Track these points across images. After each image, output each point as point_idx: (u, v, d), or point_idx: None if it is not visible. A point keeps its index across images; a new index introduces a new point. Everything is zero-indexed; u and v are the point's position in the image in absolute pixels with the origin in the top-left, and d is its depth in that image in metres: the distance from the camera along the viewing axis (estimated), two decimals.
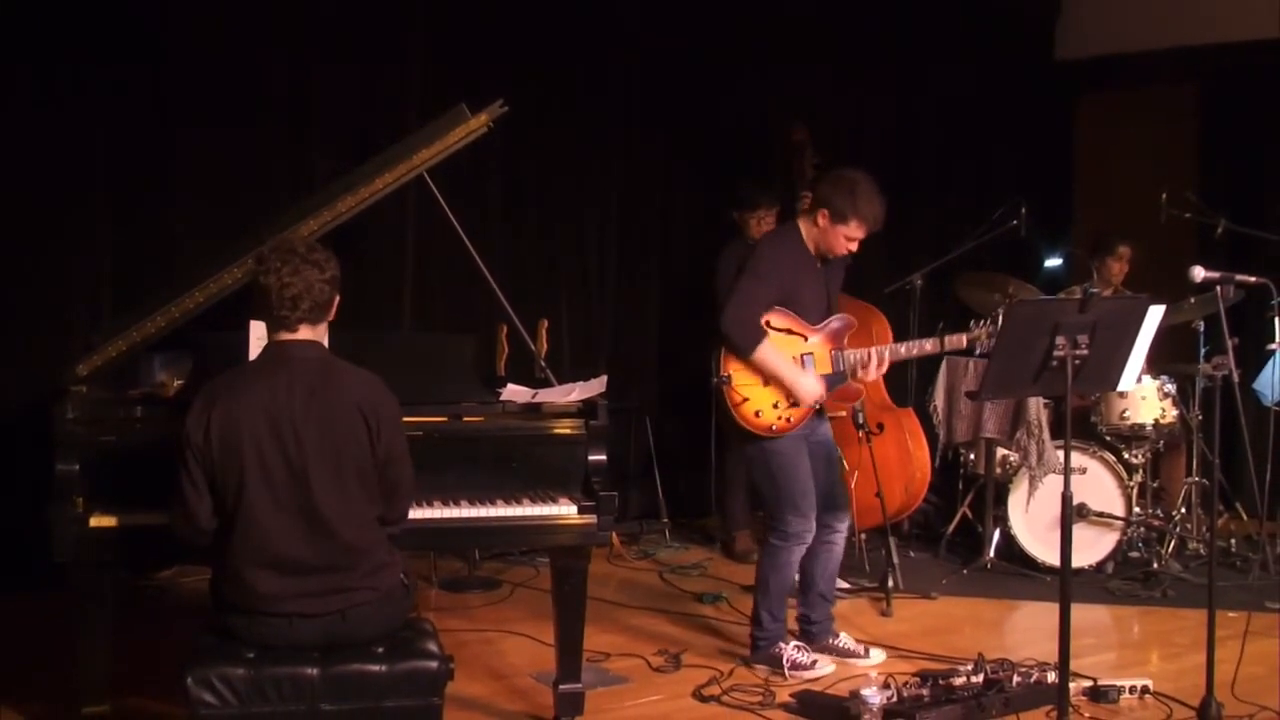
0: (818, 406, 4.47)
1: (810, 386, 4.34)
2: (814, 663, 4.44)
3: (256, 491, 2.98)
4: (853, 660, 4.55)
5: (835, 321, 4.49)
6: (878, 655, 4.59)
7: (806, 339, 4.43)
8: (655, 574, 5.97)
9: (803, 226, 4.45)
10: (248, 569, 3.01)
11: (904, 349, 4.59)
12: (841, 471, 5.92)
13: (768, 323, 4.36)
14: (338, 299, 3.18)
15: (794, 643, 4.49)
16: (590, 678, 4.11)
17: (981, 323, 4.46)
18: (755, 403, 4.35)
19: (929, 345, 4.57)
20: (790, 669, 4.41)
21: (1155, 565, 5.79)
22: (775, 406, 4.36)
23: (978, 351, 4.52)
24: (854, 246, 4.40)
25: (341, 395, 3.07)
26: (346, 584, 3.06)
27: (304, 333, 3.12)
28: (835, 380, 4.46)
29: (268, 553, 3.00)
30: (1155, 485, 6.28)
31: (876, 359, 4.47)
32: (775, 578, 4.48)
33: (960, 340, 4.51)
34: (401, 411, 3.20)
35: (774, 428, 4.38)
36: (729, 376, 4.33)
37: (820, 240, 4.41)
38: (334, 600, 3.05)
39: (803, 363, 4.40)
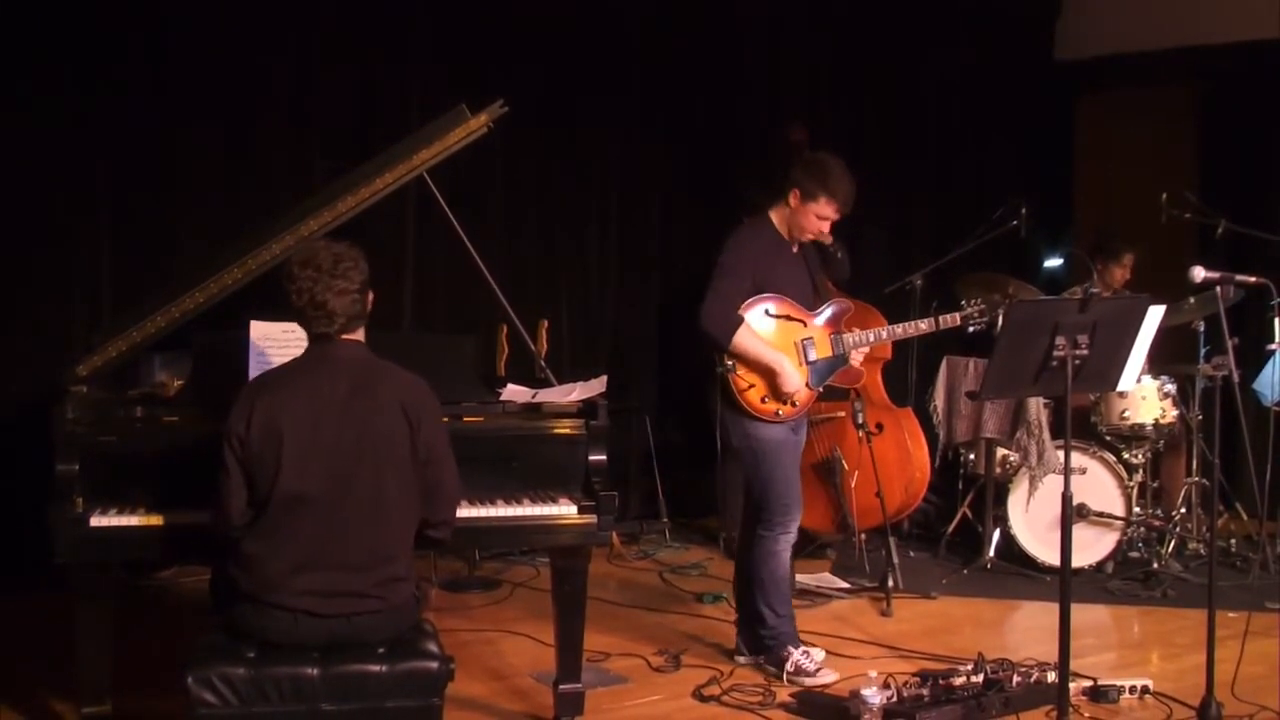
0: (817, 391, 4.50)
1: (792, 374, 4.36)
2: (818, 670, 4.40)
3: (289, 484, 3.00)
4: None
5: (833, 306, 4.55)
6: None
7: (806, 324, 4.47)
8: (655, 574, 5.97)
9: (774, 215, 4.49)
10: (264, 555, 3.02)
11: (900, 329, 4.73)
12: (842, 473, 5.96)
13: (766, 311, 4.39)
14: (371, 296, 3.21)
15: (802, 648, 4.47)
16: (590, 678, 4.11)
17: (974, 300, 4.65)
18: (761, 388, 4.38)
19: (924, 325, 4.67)
20: (792, 674, 4.39)
21: (1155, 565, 5.79)
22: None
23: (970, 329, 4.64)
24: (825, 226, 4.42)
25: (383, 393, 3.11)
26: (357, 588, 3.05)
27: (343, 334, 3.16)
28: (835, 364, 4.51)
29: (288, 544, 3.01)
30: (1155, 485, 6.28)
31: (874, 339, 4.61)
32: (767, 569, 4.48)
33: (954, 318, 4.64)
34: (443, 412, 3.24)
35: (779, 412, 4.40)
36: (733, 364, 4.35)
37: (791, 222, 4.44)
38: (340, 603, 3.04)
39: (803, 348, 4.44)
